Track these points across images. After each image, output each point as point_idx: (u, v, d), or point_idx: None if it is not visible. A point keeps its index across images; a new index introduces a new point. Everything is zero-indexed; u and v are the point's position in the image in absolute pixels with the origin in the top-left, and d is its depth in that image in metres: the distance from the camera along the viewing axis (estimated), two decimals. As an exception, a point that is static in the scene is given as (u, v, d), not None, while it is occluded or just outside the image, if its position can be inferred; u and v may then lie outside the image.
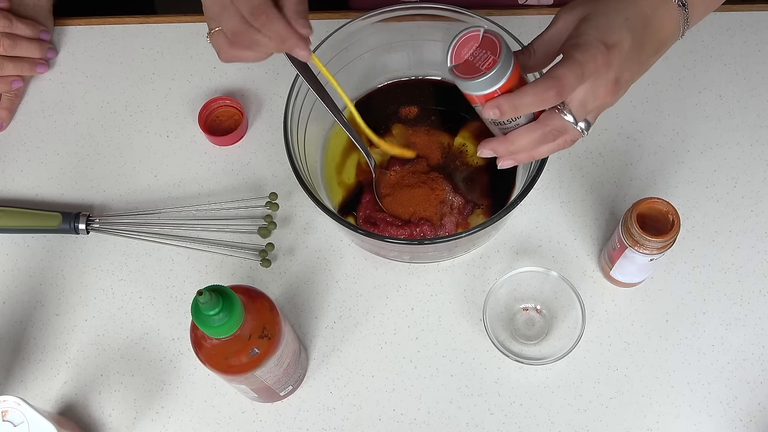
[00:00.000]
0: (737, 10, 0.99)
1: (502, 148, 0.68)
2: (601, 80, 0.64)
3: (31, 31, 0.96)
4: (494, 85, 0.64)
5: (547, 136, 0.66)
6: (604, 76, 0.64)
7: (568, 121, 0.65)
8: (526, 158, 0.69)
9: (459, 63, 0.66)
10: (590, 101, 0.65)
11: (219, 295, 0.63)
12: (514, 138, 0.67)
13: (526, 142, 0.67)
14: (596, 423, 0.82)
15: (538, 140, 0.66)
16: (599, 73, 0.64)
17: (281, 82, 0.97)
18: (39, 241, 0.92)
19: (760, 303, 0.86)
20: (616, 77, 0.64)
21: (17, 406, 0.73)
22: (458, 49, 0.66)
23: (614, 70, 0.64)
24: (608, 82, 0.64)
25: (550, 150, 0.68)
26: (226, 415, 0.84)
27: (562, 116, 0.65)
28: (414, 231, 0.84)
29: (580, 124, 0.66)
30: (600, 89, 0.64)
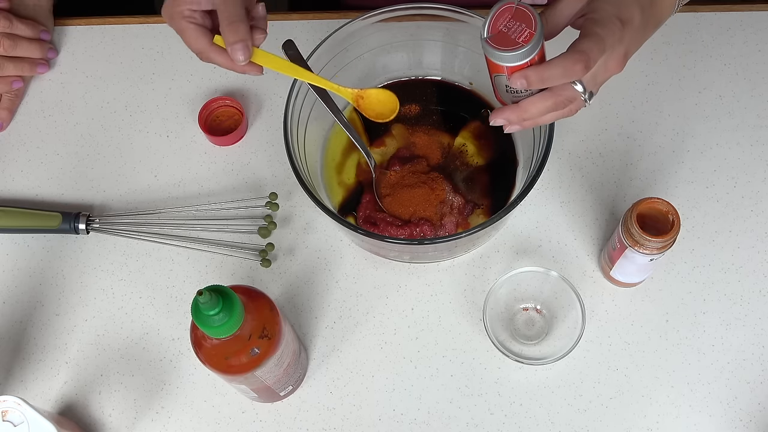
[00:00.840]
0: (737, 10, 0.99)
1: (515, 116, 0.69)
2: (614, 54, 0.66)
3: (32, 31, 0.96)
4: (527, 57, 0.65)
5: (557, 105, 0.68)
6: (617, 51, 0.66)
7: (578, 92, 0.67)
8: (531, 124, 0.70)
9: (494, 34, 0.66)
10: (601, 74, 0.67)
11: (219, 295, 0.63)
12: (527, 106, 0.68)
13: (537, 110, 0.68)
14: (596, 423, 0.82)
15: (548, 108, 0.68)
16: (614, 48, 0.66)
17: (281, 82, 0.97)
18: (39, 241, 0.92)
19: (760, 303, 0.86)
20: (625, 52, 0.67)
21: (17, 406, 0.73)
22: (495, 21, 0.67)
23: (625, 44, 0.67)
24: (619, 56, 0.67)
25: (555, 117, 0.70)
26: (226, 415, 0.84)
27: (574, 87, 0.67)
28: (414, 231, 0.84)
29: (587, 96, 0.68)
30: (611, 62, 0.67)
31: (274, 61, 0.75)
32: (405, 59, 0.92)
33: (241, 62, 0.72)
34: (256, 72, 0.74)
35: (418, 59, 0.92)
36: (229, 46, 0.71)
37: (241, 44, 0.71)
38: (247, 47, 0.71)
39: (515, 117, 0.69)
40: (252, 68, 0.73)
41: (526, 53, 0.65)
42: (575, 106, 0.69)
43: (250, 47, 0.72)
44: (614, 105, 0.95)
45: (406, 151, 0.89)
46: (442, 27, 0.87)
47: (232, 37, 0.71)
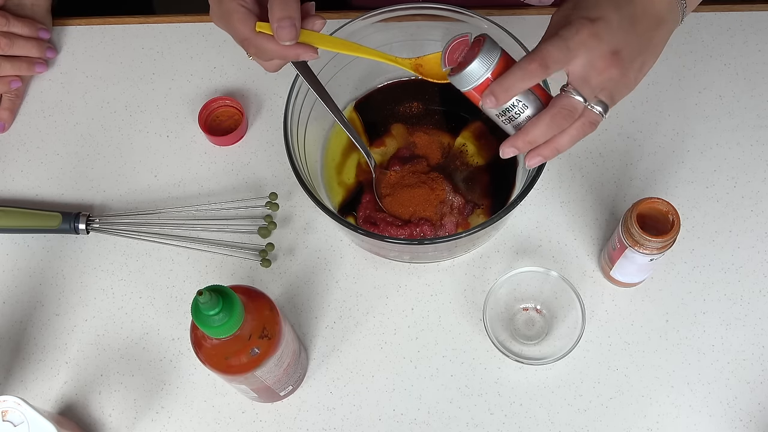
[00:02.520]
0: (737, 10, 0.99)
1: (520, 142, 0.68)
2: (596, 52, 0.65)
3: (29, 30, 0.96)
4: (483, 73, 0.66)
5: (556, 117, 0.66)
6: (598, 48, 0.65)
7: (576, 100, 0.66)
8: (550, 152, 0.68)
9: (453, 66, 0.68)
10: (592, 76, 0.65)
11: (219, 295, 0.63)
12: (527, 128, 0.67)
13: (540, 129, 0.66)
14: (596, 423, 0.82)
15: (550, 124, 0.66)
16: (590, 46, 0.64)
17: (281, 82, 0.97)
18: (39, 241, 0.92)
19: (760, 303, 0.86)
20: (611, 49, 0.65)
21: (17, 406, 0.73)
22: (450, 55, 0.69)
23: (606, 41, 0.65)
24: (605, 54, 0.65)
25: (572, 137, 0.67)
26: (226, 415, 0.84)
27: (568, 95, 0.66)
28: (414, 231, 0.84)
29: (596, 107, 0.67)
30: (598, 62, 0.65)
31: (325, 39, 0.71)
32: (405, 58, 0.92)
33: (286, 42, 0.67)
34: (310, 54, 0.69)
35: (418, 59, 0.92)
36: (276, 23, 0.66)
37: (288, 21, 0.66)
38: (294, 26, 0.66)
39: (521, 142, 0.67)
40: (305, 50, 0.69)
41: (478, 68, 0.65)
42: (587, 119, 0.67)
43: (298, 26, 0.67)
44: (621, 101, 0.94)
45: (406, 151, 0.89)
46: (442, 27, 0.87)
47: (279, 12, 0.66)
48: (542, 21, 0.68)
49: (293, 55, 0.69)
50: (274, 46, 0.68)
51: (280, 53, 0.69)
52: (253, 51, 0.70)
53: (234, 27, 0.70)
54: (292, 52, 0.69)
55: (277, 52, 0.69)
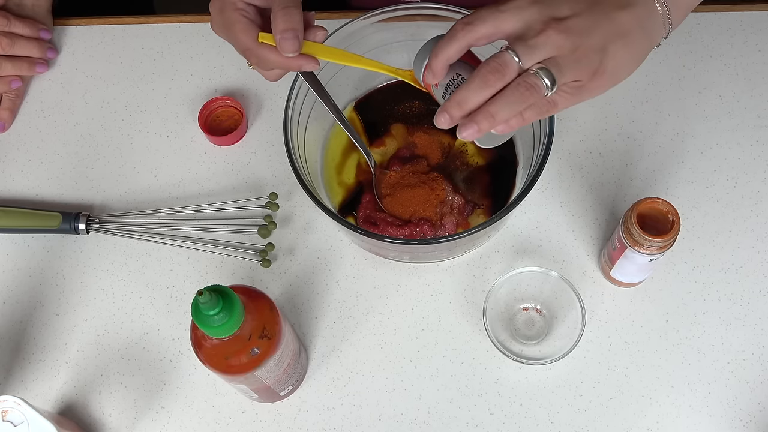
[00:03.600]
0: (737, 10, 0.99)
1: (451, 105, 0.62)
2: (533, 15, 0.61)
3: (30, 30, 0.96)
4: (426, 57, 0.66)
5: (486, 75, 0.61)
6: (535, 11, 0.61)
7: (509, 55, 0.61)
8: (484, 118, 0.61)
9: None
10: (529, 36, 0.61)
11: (219, 295, 0.63)
12: (458, 90, 0.62)
13: (470, 90, 0.61)
14: (596, 423, 0.82)
15: (480, 83, 0.61)
16: (523, 7, 0.62)
17: (281, 82, 0.96)
18: (39, 241, 0.92)
19: (760, 303, 0.86)
20: (552, 14, 0.61)
21: (17, 406, 0.73)
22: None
23: (546, 7, 0.61)
24: (544, 18, 0.61)
25: (509, 102, 0.61)
26: (226, 415, 0.84)
27: (503, 52, 0.61)
28: (414, 231, 0.84)
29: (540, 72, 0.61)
30: (535, 24, 0.61)
31: (327, 50, 0.71)
32: (405, 59, 0.91)
33: (289, 53, 0.67)
34: (312, 65, 0.69)
35: (418, 59, 0.92)
36: (279, 35, 0.66)
37: (291, 33, 0.66)
38: (297, 37, 0.66)
39: (453, 106, 0.62)
40: (307, 61, 0.69)
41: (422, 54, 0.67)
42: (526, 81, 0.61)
43: (301, 38, 0.67)
44: (614, 105, 0.95)
45: (406, 151, 0.89)
46: (442, 27, 0.86)
47: (282, 23, 0.66)
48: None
49: (296, 66, 0.70)
50: (277, 56, 0.68)
51: (283, 64, 0.69)
52: (255, 61, 0.70)
53: (236, 37, 0.70)
54: (295, 63, 0.69)
55: (279, 63, 0.69)
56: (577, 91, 0.63)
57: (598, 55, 0.62)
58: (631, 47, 0.64)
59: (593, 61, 0.62)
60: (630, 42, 0.64)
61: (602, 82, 0.64)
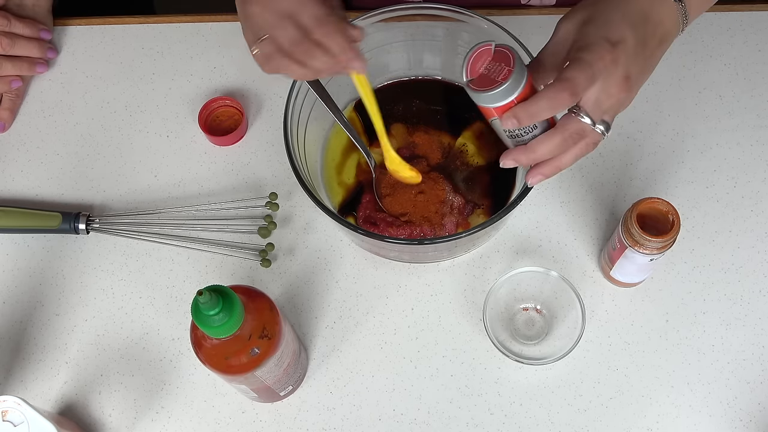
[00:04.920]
0: (737, 10, 0.99)
1: (524, 158, 0.68)
2: (612, 78, 0.65)
3: (30, 30, 0.96)
4: (510, 95, 0.65)
5: (567, 140, 0.66)
6: (615, 74, 0.65)
7: (586, 123, 0.66)
8: (551, 170, 0.68)
9: (474, 77, 0.67)
10: (604, 100, 0.65)
11: (219, 295, 0.63)
12: (534, 146, 0.67)
13: (547, 149, 0.67)
14: (596, 423, 0.82)
15: (558, 146, 0.66)
16: (609, 71, 0.64)
17: (281, 82, 0.97)
18: (39, 241, 0.92)
19: (760, 303, 0.86)
20: (625, 74, 0.65)
21: (17, 406, 0.73)
22: (473, 64, 0.67)
23: (622, 66, 0.65)
24: (619, 80, 0.65)
25: (575, 156, 0.68)
26: (226, 415, 0.84)
27: (579, 119, 0.65)
28: (414, 231, 0.84)
29: (599, 126, 0.66)
30: (612, 87, 0.65)
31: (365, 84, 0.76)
32: (405, 59, 0.92)
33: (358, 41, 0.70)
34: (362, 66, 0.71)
35: (418, 59, 0.92)
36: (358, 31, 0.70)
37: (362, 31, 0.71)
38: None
39: (524, 158, 0.68)
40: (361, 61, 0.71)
41: (507, 90, 0.64)
42: (591, 140, 0.67)
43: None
44: (615, 105, 0.94)
45: (406, 151, 0.89)
46: (442, 27, 0.87)
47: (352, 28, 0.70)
48: (542, 21, 0.68)
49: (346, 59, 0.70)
50: (343, 41, 0.69)
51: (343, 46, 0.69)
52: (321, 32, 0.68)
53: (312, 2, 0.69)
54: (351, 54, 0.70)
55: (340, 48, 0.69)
56: None
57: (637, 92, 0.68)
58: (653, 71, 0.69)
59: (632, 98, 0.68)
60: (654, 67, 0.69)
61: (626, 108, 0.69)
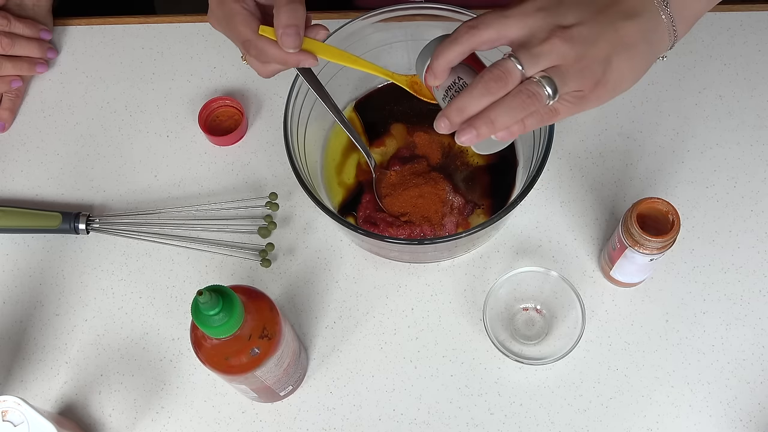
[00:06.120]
0: (737, 10, 0.99)
1: (452, 110, 0.62)
2: (538, 21, 0.61)
3: (30, 30, 0.96)
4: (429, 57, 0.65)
5: (489, 82, 0.61)
6: (540, 18, 0.61)
7: (511, 62, 0.61)
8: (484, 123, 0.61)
9: None
10: (533, 44, 0.61)
11: (219, 295, 0.63)
12: (459, 95, 0.62)
13: (471, 96, 0.61)
14: (596, 423, 0.82)
15: (482, 89, 0.61)
16: (528, 13, 0.61)
17: (281, 82, 0.97)
18: (39, 241, 0.92)
19: (760, 303, 0.86)
20: (557, 23, 0.61)
21: (17, 406, 0.73)
22: None
23: (551, 14, 0.61)
24: (549, 25, 0.61)
25: (510, 109, 0.61)
26: (226, 415, 0.84)
27: (506, 59, 0.61)
28: (414, 231, 0.84)
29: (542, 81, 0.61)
30: (539, 32, 0.61)
31: (326, 49, 0.71)
32: (405, 59, 0.91)
33: (290, 48, 0.67)
34: (311, 62, 0.70)
35: (418, 59, 0.92)
36: (281, 29, 0.67)
37: (293, 29, 0.66)
38: (299, 33, 0.67)
39: (453, 112, 0.62)
40: (306, 57, 0.69)
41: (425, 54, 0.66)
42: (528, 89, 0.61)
43: (302, 34, 0.68)
44: (614, 105, 0.95)
45: (406, 150, 0.89)
46: (442, 27, 0.87)
47: (286, 18, 0.66)
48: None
49: (294, 62, 0.70)
50: (277, 50, 0.69)
51: (282, 58, 0.69)
52: (254, 53, 0.70)
53: (236, 29, 0.70)
54: (294, 58, 0.69)
55: (278, 57, 0.69)
56: (579, 101, 0.63)
57: (601, 65, 0.62)
58: (634, 59, 0.64)
59: (596, 71, 0.62)
60: (634, 54, 0.63)
61: (604, 92, 0.63)
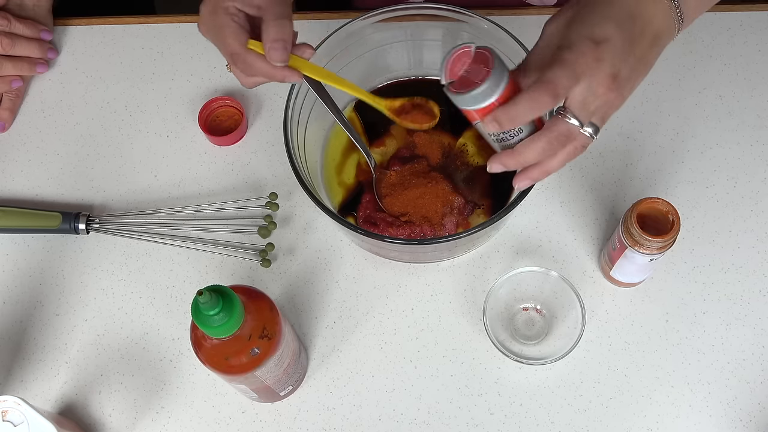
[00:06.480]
0: (737, 10, 0.99)
1: (511, 162, 0.67)
2: (597, 77, 0.63)
3: (30, 30, 0.96)
4: (489, 97, 0.64)
5: (552, 142, 0.65)
6: (600, 73, 0.63)
7: (573, 125, 0.65)
8: (539, 174, 0.67)
9: (454, 80, 0.66)
10: (590, 101, 0.64)
11: (219, 295, 0.63)
12: (520, 150, 0.66)
13: (533, 153, 0.65)
14: (596, 423, 0.82)
15: (545, 149, 0.65)
16: (593, 70, 0.63)
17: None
18: (39, 241, 0.92)
19: (760, 303, 0.86)
20: (612, 72, 0.64)
21: (17, 406, 0.73)
22: (452, 66, 0.66)
23: (608, 64, 0.63)
24: (605, 78, 0.63)
25: (562, 160, 0.66)
26: (226, 415, 0.84)
27: (566, 120, 0.64)
28: (414, 231, 0.84)
29: (587, 128, 0.65)
30: (599, 87, 0.64)
31: (311, 68, 0.73)
32: (405, 59, 0.92)
33: (277, 63, 0.69)
34: (295, 77, 0.71)
35: (418, 59, 0.92)
36: (269, 43, 0.68)
37: (281, 43, 0.68)
38: (286, 48, 0.69)
39: (512, 162, 0.66)
40: (291, 73, 0.71)
41: (485, 93, 0.63)
42: (579, 143, 0.66)
43: (289, 50, 0.69)
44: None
45: (406, 150, 0.89)
46: (442, 27, 0.87)
47: (274, 33, 0.68)
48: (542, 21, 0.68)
49: (280, 77, 0.71)
50: (263, 64, 0.70)
51: (267, 72, 0.71)
52: (240, 66, 0.71)
53: (224, 40, 0.71)
54: (280, 73, 0.71)
55: (264, 71, 0.71)
56: None
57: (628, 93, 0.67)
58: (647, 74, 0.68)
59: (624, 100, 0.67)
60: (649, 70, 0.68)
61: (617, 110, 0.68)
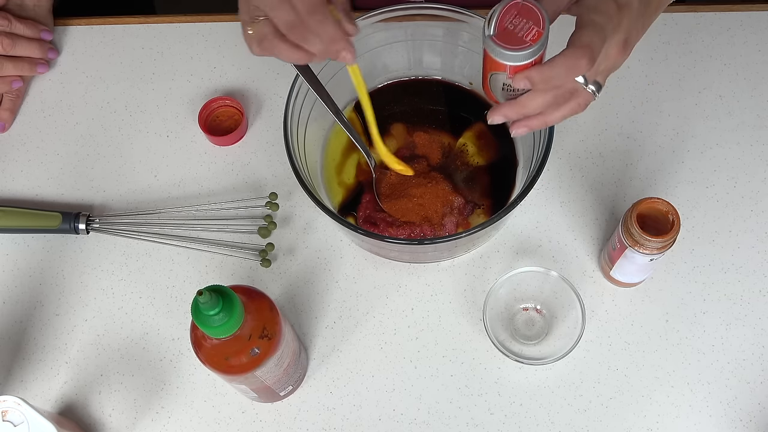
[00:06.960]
0: (737, 10, 0.99)
1: (514, 112, 0.66)
2: (613, 40, 0.64)
3: (31, 30, 0.96)
4: (533, 57, 0.64)
5: (558, 98, 0.65)
6: (616, 36, 0.64)
7: (579, 83, 0.65)
8: (538, 123, 0.67)
9: (500, 31, 0.64)
10: (601, 62, 0.65)
11: (219, 295, 0.63)
12: (525, 101, 0.66)
13: (537, 105, 0.66)
14: (596, 423, 0.82)
15: (549, 103, 0.66)
16: (612, 34, 0.64)
17: (281, 82, 0.97)
18: (39, 241, 0.92)
19: (760, 303, 0.86)
20: (626, 38, 0.65)
21: (17, 406, 0.73)
22: (502, 18, 0.64)
23: (624, 30, 0.64)
24: (619, 43, 0.64)
25: (563, 114, 0.67)
26: (226, 415, 0.84)
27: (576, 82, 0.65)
28: (414, 231, 0.84)
29: (591, 86, 0.66)
30: (611, 50, 0.64)
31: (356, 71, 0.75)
32: (405, 59, 0.92)
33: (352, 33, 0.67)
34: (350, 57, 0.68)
35: (418, 59, 0.92)
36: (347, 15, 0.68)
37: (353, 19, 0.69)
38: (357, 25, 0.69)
39: (514, 113, 0.67)
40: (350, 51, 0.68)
41: (533, 53, 0.63)
42: (583, 100, 0.67)
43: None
44: (614, 105, 0.95)
45: (406, 151, 0.89)
46: (442, 27, 0.87)
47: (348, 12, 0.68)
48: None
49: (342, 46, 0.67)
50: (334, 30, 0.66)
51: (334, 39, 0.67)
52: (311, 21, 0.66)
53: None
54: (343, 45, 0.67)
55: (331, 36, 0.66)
56: None
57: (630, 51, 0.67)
58: None
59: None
60: None
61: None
